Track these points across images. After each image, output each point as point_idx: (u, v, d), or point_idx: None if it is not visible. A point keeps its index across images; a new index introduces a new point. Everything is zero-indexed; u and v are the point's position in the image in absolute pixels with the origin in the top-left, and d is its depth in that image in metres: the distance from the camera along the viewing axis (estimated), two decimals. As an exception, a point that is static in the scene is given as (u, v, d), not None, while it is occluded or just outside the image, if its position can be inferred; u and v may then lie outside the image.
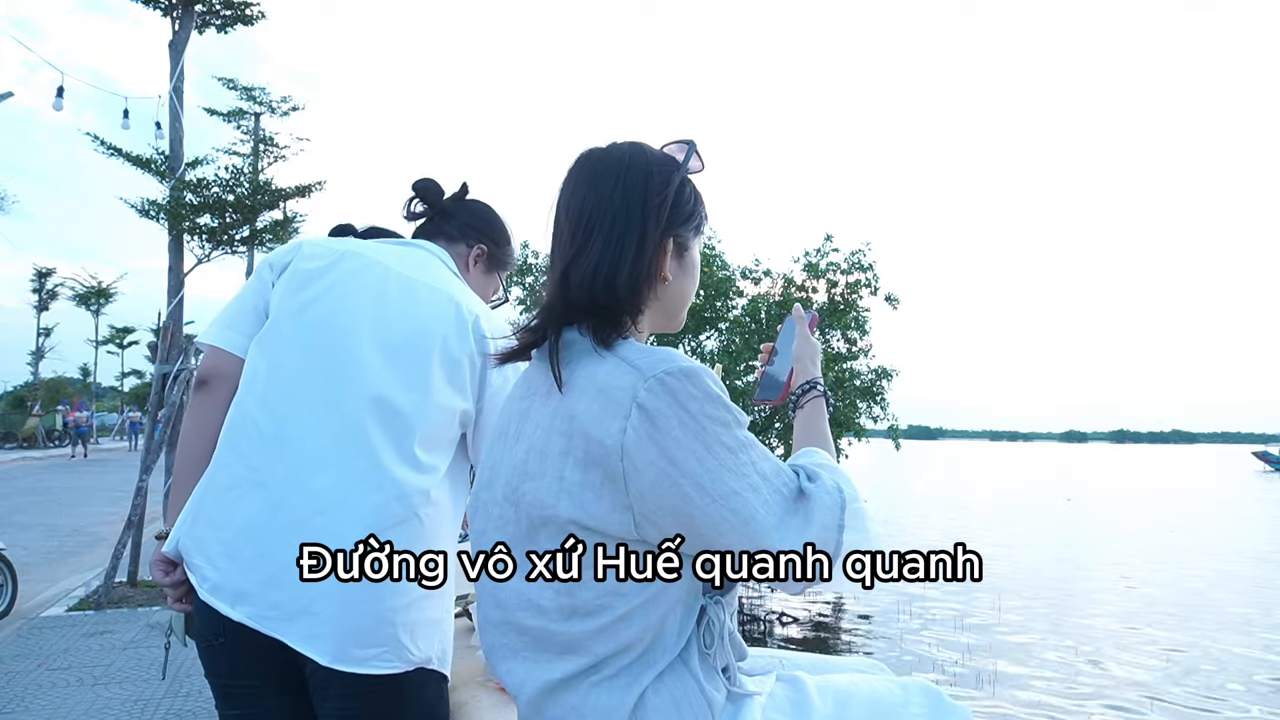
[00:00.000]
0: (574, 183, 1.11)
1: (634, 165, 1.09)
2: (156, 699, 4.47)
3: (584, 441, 0.99)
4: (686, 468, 0.96)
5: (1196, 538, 18.07)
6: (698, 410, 0.97)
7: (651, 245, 1.08)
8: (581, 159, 1.12)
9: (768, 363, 1.45)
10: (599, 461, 0.98)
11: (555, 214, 1.12)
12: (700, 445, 0.96)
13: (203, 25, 7.81)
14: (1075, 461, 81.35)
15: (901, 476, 39.90)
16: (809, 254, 12.76)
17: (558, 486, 1.00)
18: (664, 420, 0.96)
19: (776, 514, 0.98)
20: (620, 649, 1.02)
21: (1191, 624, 9.92)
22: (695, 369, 0.99)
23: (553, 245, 1.13)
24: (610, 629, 1.01)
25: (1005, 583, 12.24)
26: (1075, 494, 31.13)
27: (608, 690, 1.01)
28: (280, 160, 18.95)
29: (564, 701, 1.04)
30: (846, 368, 12.69)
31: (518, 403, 1.14)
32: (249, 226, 7.87)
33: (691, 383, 0.98)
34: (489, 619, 1.13)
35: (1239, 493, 35.89)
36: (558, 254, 1.11)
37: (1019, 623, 9.82)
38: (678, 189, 1.11)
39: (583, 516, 0.99)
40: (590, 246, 1.06)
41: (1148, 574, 13.28)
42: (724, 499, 0.96)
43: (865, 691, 1.21)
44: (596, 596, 1.01)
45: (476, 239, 1.74)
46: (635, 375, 0.99)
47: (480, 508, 1.16)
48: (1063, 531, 19.06)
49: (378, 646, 1.35)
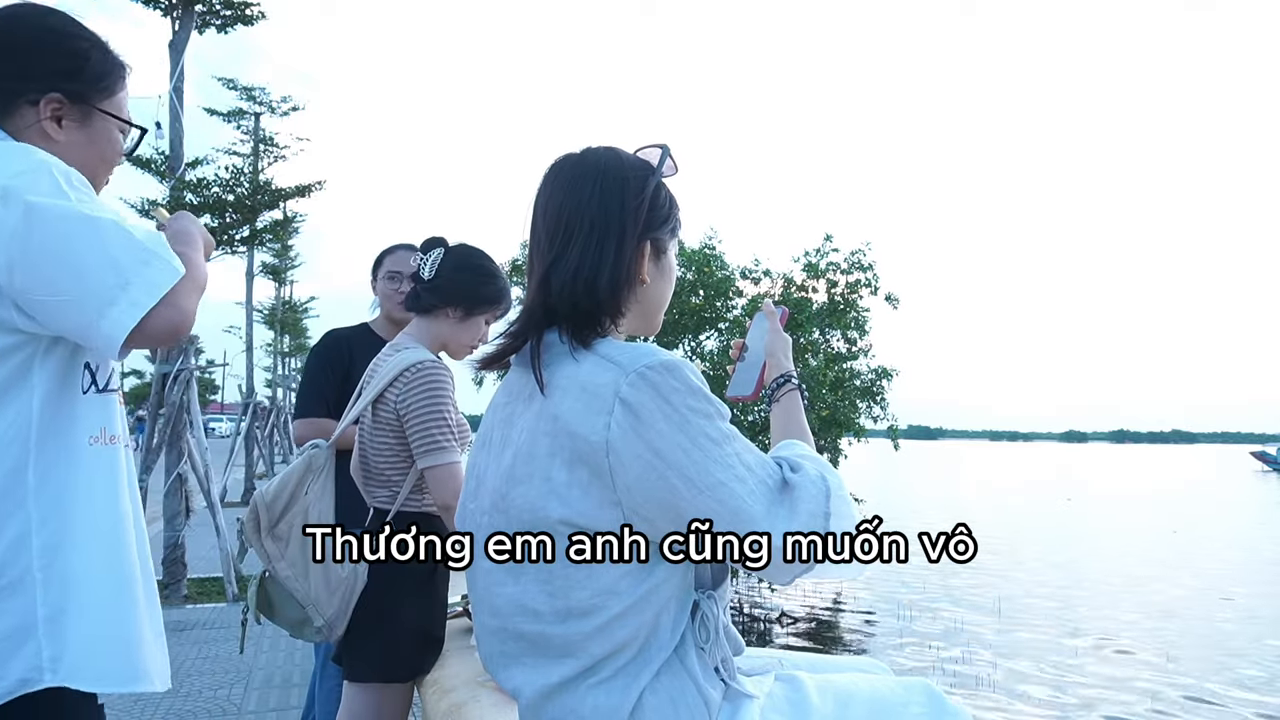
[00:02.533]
0: (550, 188, 1.12)
1: (610, 170, 1.10)
2: (156, 699, 4.46)
3: (569, 440, 1.00)
4: (672, 460, 0.97)
5: (1196, 538, 18.07)
6: (680, 403, 0.98)
7: (630, 249, 1.09)
8: (557, 165, 1.13)
9: (739, 358, 1.45)
10: (585, 459, 0.99)
11: (532, 219, 1.13)
12: (685, 437, 0.97)
13: (203, 25, 7.81)
14: (1075, 461, 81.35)
15: (901, 477, 39.88)
16: (809, 254, 12.76)
17: (546, 488, 1.01)
18: (647, 413, 0.97)
19: (764, 503, 0.99)
20: (616, 649, 1.02)
21: (1191, 624, 9.92)
22: (675, 362, 1.01)
23: (530, 250, 1.14)
24: (606, 629, 1.02)
25: (1005, 583, 12.24)
26: (1075, 494, 31.11)
27: (606, 692, 1.02)
28: (280, 160, 18.95)
29: (563, 704, 1.04)
30: (846, 368, 12.69)
31: (500, 410, 1.15)
32: (249, 226, 7.88)
33: (673, 375, 0.99)
34: (486, 627, 1.14)
35: (1237, 492, 35.91)
36: (536, 259, 1.12)
37: (1019, 623, 9.82)
38: (654, 192, 1.13)
39: (572, 515, 1.00)
40: (570, 251, 1.07)
41: (1148, 574, 13.27)
42: (711, 490, 0.97)
43: (866, 691, 1.21)
44: (591, 596, 1.01)
45: None
46: (616, 371, 1.00)
47: (468, 518, 1.16)
48: (1063, 531, 19.05)
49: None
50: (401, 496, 1.91)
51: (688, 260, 12.80)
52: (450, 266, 1.98)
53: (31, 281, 0.99)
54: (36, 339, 1.05)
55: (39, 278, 0.99)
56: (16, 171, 1.01)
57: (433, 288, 1.97)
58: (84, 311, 0.99)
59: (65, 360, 1.08)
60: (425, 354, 1.93)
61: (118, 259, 1.01)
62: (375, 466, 1.95)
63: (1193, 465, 74.27)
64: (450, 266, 1.98)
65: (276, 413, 20.00)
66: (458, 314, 2.00)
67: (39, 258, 0.98)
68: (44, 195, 1.00)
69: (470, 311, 2.01)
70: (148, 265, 1.03)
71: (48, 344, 1.06)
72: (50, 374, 1.06)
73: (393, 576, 1.88)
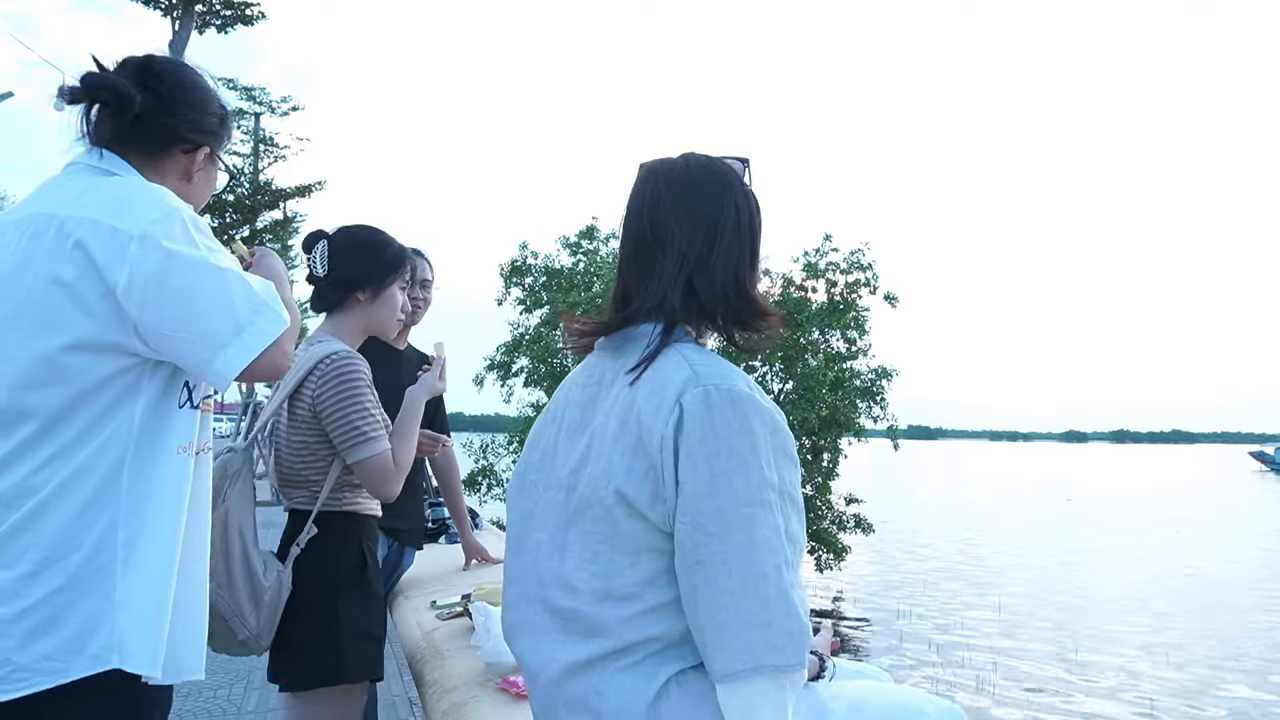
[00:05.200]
0: (684, 185, 1.12)
1: (736, 183, 1.14)
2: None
3: (636, 428, 1.02)
4: (688, 491, 0.98)
5: (1196, 538, 18.07)
6: (725, 437, 0.98)
7: (757, 257, 1.15)
8: (683, 164, 1.14)
9: None
10: (646, 450, 1.01)
11: (653, 215, 1.12)
12: (706, 473, 0.97)
13: (203, 25, 7.82)
14: (1075, 461, 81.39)
15: (901, 477, 39.90)
16: (808, 254, 12.77)
17: (609, 469, 1.03)
18: (691, 427, 0.98)
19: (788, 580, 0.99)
20: (648, 639, 1.03)
21: (1192, 624, 9.92)
22: (746, 397, 1.00)
23: (655, 246, 1.11)
24: (641, 618, 1.03)
25: (1006, 583, 12.25)
26: (1075, 494, 31.12)
27: (632, 676, 1.02)
28: (280, 160, 18.97)
29: (586, 682, 1.04)
30: (846, 368, 12.69)
31: (579, 390, 1.16)
32: (249, 226, 7.89)
33: (733, 409, 0.99)
34: (523, 595, 1.14)
35: (1235, 492, 35.92)
36: (670, 254, 1.10)
37: (1019, 623, 9.82)
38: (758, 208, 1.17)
39: (630, 495, 1.01)
40: (716, 251, 1.10)
41: (1148, 574, 13.28)
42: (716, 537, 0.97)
43: (879, 698, 1.21)
44: (631, 584, 1.02)
45: None
46: (690, 376, 1.02)
47: (527, 489, 1.17)
48: (1063, 532, 19.06)
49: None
50: (322, 497, 1.81)
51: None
52: (341, 253, 1.91)
53: (159, 319, 1.12)
54: (146, 360, 1.16)
55: (166, 317, 1.12)
56: (154, 219, 1.13)
57: (333, 281, 1.90)
58: (200, 351, 1.13)
59: (167, 379, 1.20)
60: (339, 345, 1.84)
61: (236, 308, 1.15)
62: (291, 467, 1.85)
63: (1192, 465, 74.31)
64: (341, 253, 1.91)
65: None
66: (368, 295, 1.93)
67: (169, 300, 1.12)
68: (178, 243, 1.13)
69: (380, 287, 1.94)
70: (260, 315, 1.17)
71: (154, 364, 1.18)
72: (154, 390, 1.18)
73: (322, 578, 1.80)
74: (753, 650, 0.95)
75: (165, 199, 1.17)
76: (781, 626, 0.96)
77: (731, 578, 0.96)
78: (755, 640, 0.95)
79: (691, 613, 1.00)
